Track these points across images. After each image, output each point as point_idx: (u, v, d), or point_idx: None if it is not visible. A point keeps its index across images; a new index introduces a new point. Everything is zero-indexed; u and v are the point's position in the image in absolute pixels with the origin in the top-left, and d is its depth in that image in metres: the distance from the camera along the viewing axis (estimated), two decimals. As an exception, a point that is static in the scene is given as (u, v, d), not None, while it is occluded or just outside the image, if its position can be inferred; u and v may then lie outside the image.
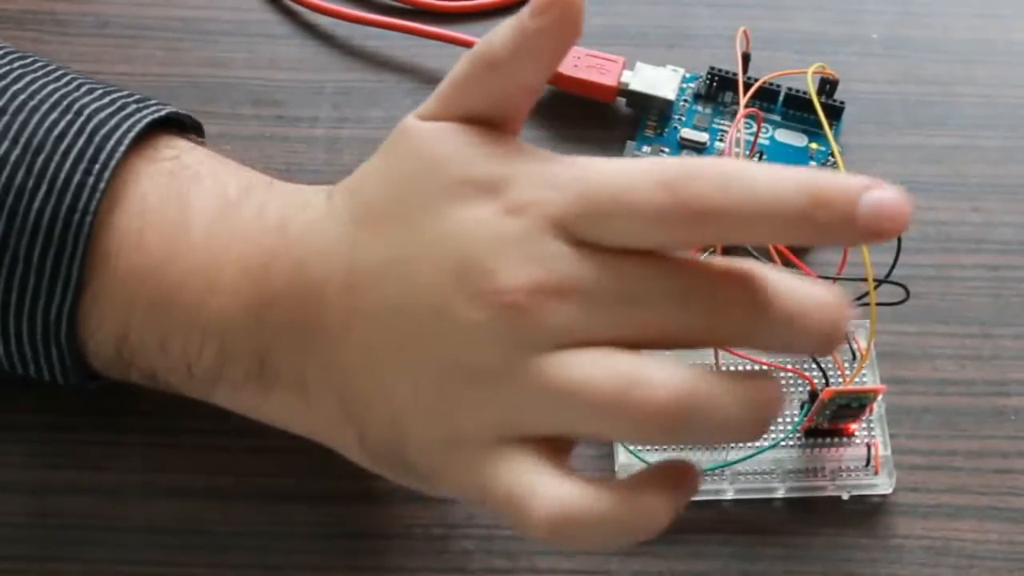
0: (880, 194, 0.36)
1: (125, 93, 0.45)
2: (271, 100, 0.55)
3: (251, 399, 0.43)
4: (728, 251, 0.45)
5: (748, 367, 0.47)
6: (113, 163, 0.42)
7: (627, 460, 0.47)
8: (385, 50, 0.56)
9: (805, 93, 0.54)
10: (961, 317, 0.51)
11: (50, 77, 0.44)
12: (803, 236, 0.38)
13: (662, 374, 0.37)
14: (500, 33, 0.39)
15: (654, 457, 0.47)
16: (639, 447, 0.47)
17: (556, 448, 0.39)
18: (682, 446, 0.47)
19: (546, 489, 0.38)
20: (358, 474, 0.46)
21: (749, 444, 0.48)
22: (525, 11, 0.39)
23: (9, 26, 0.55)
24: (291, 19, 0.57)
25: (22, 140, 0.42)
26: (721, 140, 0.54)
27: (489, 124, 0.40)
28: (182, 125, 0.46)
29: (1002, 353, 0.51)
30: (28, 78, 0.44)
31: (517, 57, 0.39)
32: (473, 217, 0.38)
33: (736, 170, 0.37)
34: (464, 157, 0.39)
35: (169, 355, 0.43)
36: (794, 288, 0.38)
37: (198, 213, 0.42)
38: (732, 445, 0.47)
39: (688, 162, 0.38)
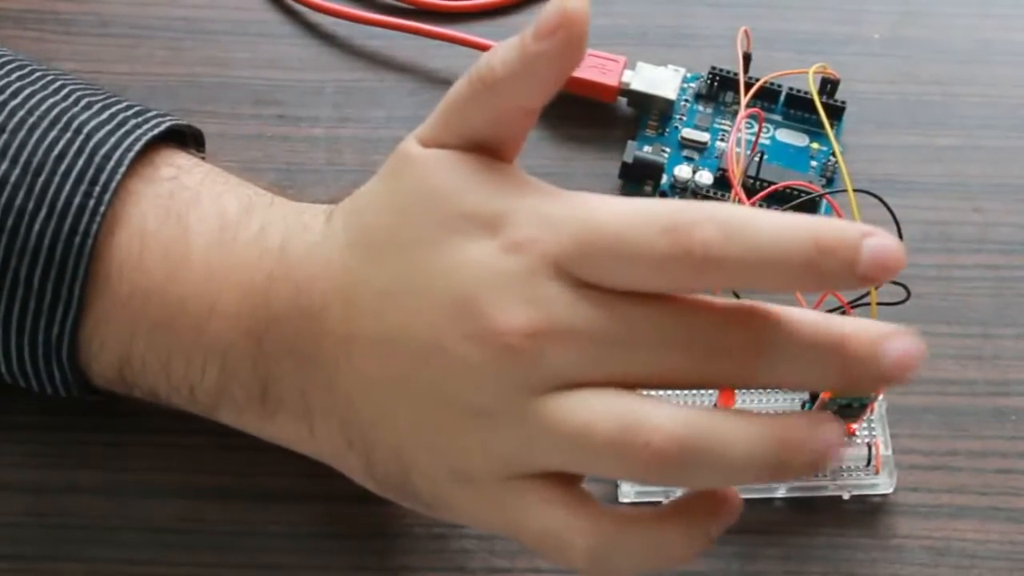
0: (879, 241, 0.36)
1: (124, 105, 0.45)
2: (272, 100, 0.55)
3: (255, 421, 0.43)
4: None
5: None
6: (113, 185, 0.42)
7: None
8: (386, 50, 0.56)
9: (806, 93, 0.54)
10: (962, 317, 0.51)
11: (48, 91, 0.44)
12: (805, 284, 0.38)
13: (661, 416, 0.37)
14: (500, 54, 0.39)
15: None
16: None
17: (572, 475, 0.39)
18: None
19: (581, 526, 0.38)
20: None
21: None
22: (528, 33, 0.38)
23: (10, 25, 0.55)
24: (292, 19, 0.57)
25: (21, 160, 0.42)
26: (722, 140, 0.54)
27: (488, 147, 0.40)
28: (182, 135, 0.46)
29: (1003, 353, 0.51)
30: (26, 92, 0.44)
31: (518, 80, 0.39)
32: (472, 254, 0.38)
33: (741, 217, 0.37)
34: (465, 189, 0.39)
35: (172, 377, 0.43)
36: (804, 324, 0.37)
37: (197, 235, 0.42)
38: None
39: (692, 207, 0.37)
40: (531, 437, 0.38)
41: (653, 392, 0.39)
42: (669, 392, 0.39)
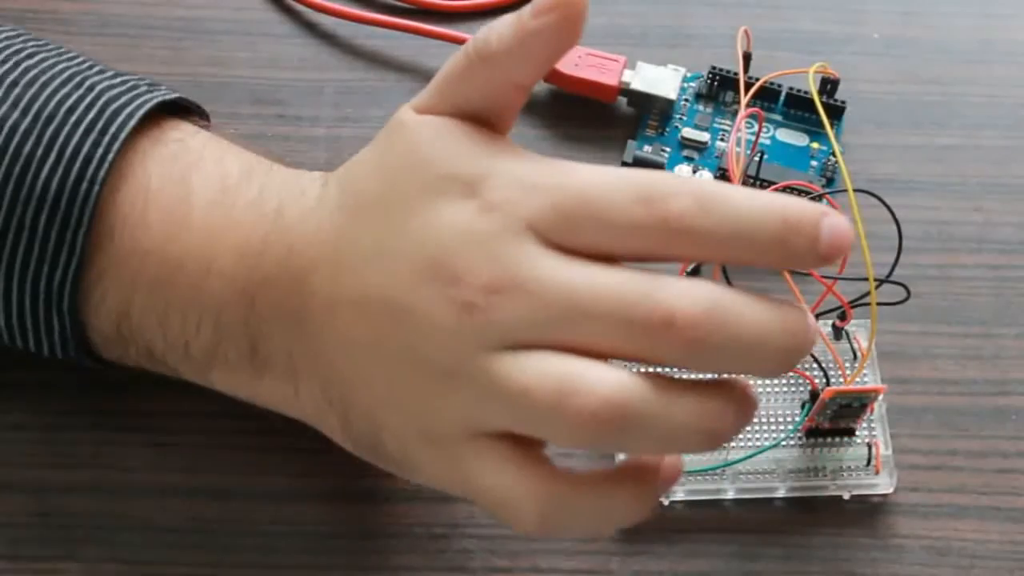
0: (835, 220, 0.37)
1: (137, 76, 0.46)
2: (272, 99, 0.55)
3: (245, 382, 0.44)
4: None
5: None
6: (123, 135, 0.43)
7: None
8: (386, 49, 0.56)
9: (806, 93, 0.54)
10: (962, 317, 0.51)
11: (63, 56, 0.45)
12: (771, 259, 0.38)
13: (600, 379, 0.37)
14: (498, 29, 0.39)
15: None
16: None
17: (533, 439, 0.39)
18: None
19: (532, 487, 0.38)
20: (359, 474, 0.46)
21: (749, 444, 0.48)
22: (527, 10, 0.39)
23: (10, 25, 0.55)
24: (292, 18, 0.57)
25: (32, 111, 0.43)
26: (722, 139, 0.54)
27: (481, 119, 0.41)
28: (189, 112, 0.47)
29: (1003, 353, 0.51)
30: (41, 55, 0.45)
31: (513, 55, 0.39)
32: (449, 214, 0.39)
33: (715, 190, 0.37)
34: (450, 153, 0.40)
35: (168, 333, 0.43)
36: (753, 312, 0.37)
37: (199, 196, 0.43)
38: (732, 445, 0.47)
39: (667, 177, 0.38)
40: (481, 396, 0.38)
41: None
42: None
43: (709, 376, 0.39)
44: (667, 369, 0.39)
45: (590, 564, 0.47)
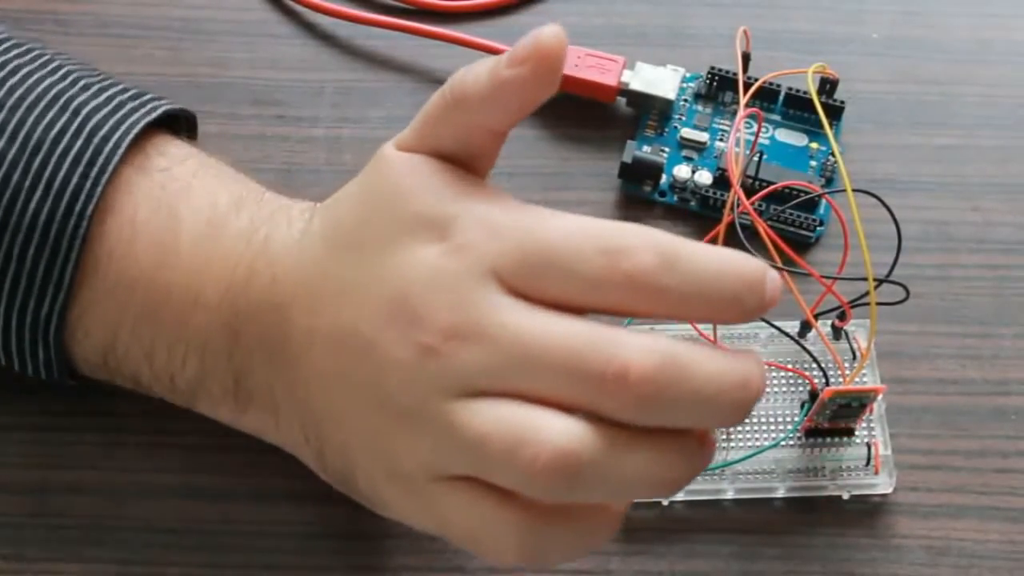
0: (773, 274, 0.38)
1: (120, 88, 0.45)
2: (271, 100, 0.55)
3: (228, 414, 0.44)
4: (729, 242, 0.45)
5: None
6: (110, 168, 0.42)
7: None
8: (385, 50, 0.56)
9: (805, 93, 0.54)
10: (961, 317, 0.51)
11: (46, 70, 0.44)
12: (724, 317, 0.38)
13: (551, 430, 0.37)
14: (474, 74, 0.39)
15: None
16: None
17: None
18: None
19: (510, 519, 0.38)
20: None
21: (749, 444, 0.48)
22: (503, 58, 0.39)
23: (10, 26, 0.55)
24: (292, 19, 0.57)
25: (19, 138, 0.42)
26: (722, 140, 0.54)
27: (458, 161, 0.41)
28: (175, 119, 0.47)
29: (1002, 353, 0.51)
30: (24, 71, 0.44)
31: (486, 102, 0.39)
32: (418, 255, 0.39)
33: (677, 247, 0.37)
34: (422, 192, 0.40)
35: (154, 365, 0.43)
36: (707, 366, 0.37)
37: (187, 227, 0.43)
38: (731, 445, 0.47)
39: (634, 231, 0.38)
40: (442, 441, 0.38)
41: None
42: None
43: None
44: None
45: (590, 564, 0.47)
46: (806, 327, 0.49)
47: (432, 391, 0.38)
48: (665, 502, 0.47)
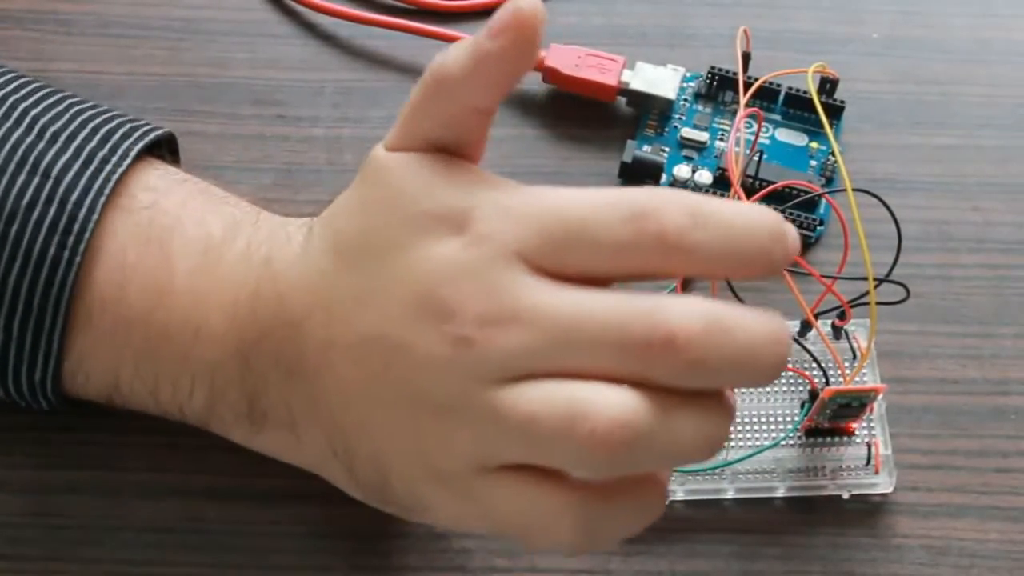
0: (789, 224, 0.37)
1: (88, 131, 0.44)
2: (272, 100, 0.55)
3: (244, 436, 0.44)
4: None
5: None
6: (87, 235, 0.42)
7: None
8: (386, 50, 0.56)
9: (806, 92, 0.54)
10: (961, 316, 0.51)
11: (10, 121, 0.43)
12: (752, 271, 0.38)
13: (607, 402, 0.36)
14: (453, 53, 0.39)
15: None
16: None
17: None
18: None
19: (564, 501, 0.38)
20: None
21: (749, 443, 0.48)
22: (483, 33, 0.38)
23: (10, 25, 0.55)
24: (292, 19, 0.57)
25: None
26: (722, 139, 0.54)
27: (450, 150, 0.40)
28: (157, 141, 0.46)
29: (1002, 352, 0.51)
30: None
31: (468, 79, 0.39)
32: (435, 250, 0.38)
33: (705, 203, 0.37)
34: (427, 190, 0.39)
35: (160, 400, 0.43)
36: (746, 325, 0.37)
37: (181, 260, 0.42)
38: (731, 444, 0.47)
39: (654, 193, 0.38)
40: (487, 430, 0.38)
41: None
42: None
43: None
44: None
45: (590, 564, 0.47)
46: (806, 326, 0.49)
47: (471, 381, 0.38)
48: (666, 501, 0.47)
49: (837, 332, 0.49)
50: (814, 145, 0.54)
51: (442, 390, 0.38)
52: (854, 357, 0.49)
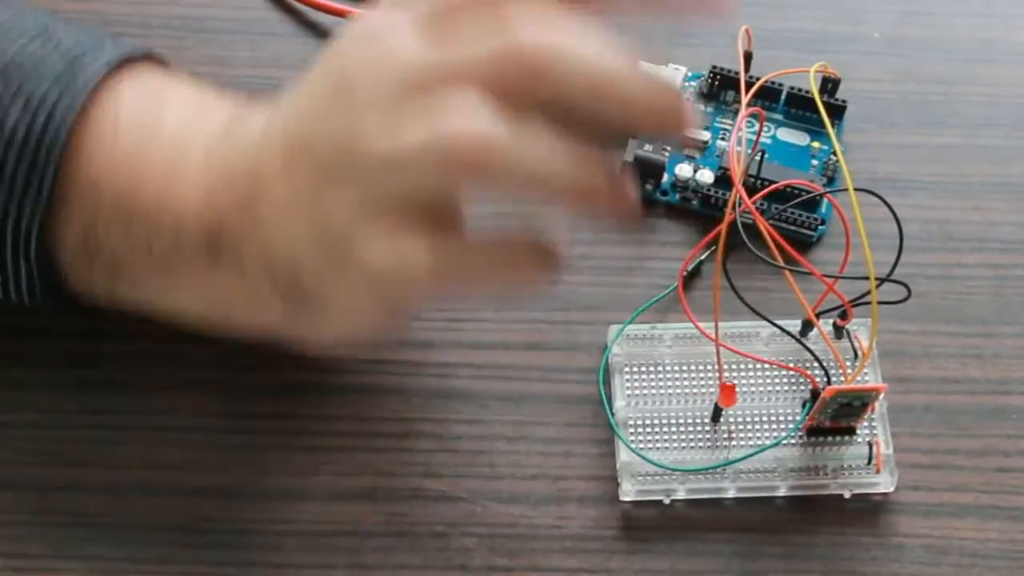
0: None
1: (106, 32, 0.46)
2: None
3: (200, 277, 0.44)
4: (733, 247, 0.45)
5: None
6: (92, 84, 0.43)
7: (628, 458, 0.47)
8: (387, 49, 0.56)
9: (807, 92, 0.54)
10: (963, 316, 0.51)
11: (30, 9, 0.46)
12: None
13: (465, 114, 0.39)
14: None
15: (655, 455, 0.47)
16: (639, 444, 0.47)
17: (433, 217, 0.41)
18: (680, 439, 0.48)
19: (428, 243, 0.40)
20: (360, 472, 0.46)
21: (750, 442, 0.48)
22: None
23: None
24: (293, 17, 0.57)
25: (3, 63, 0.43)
26: (723, 139, 0.54)
27: None
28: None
29: (1004, 352, 0.51)
30: (9, 13, 0.45)
31: None
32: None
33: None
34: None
35: (133, 238, 0.44)
36: (603, 50, 0.41)
37: (174, 114, 0.44)
38: (733, 444, 0.47)
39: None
40: (366, 175, 0.40)
41: None
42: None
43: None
44: None
45: (590, 562, 0.47)
46: (808, 326, 0.49)
47: (355, 130, 0.40)
48: (666, 500, 0.47)
49: (839, 331, 0.49)
50: (816, 145, 0.54)
51: (331, 150, 0.40)
52: (855, 356, 0.49)
